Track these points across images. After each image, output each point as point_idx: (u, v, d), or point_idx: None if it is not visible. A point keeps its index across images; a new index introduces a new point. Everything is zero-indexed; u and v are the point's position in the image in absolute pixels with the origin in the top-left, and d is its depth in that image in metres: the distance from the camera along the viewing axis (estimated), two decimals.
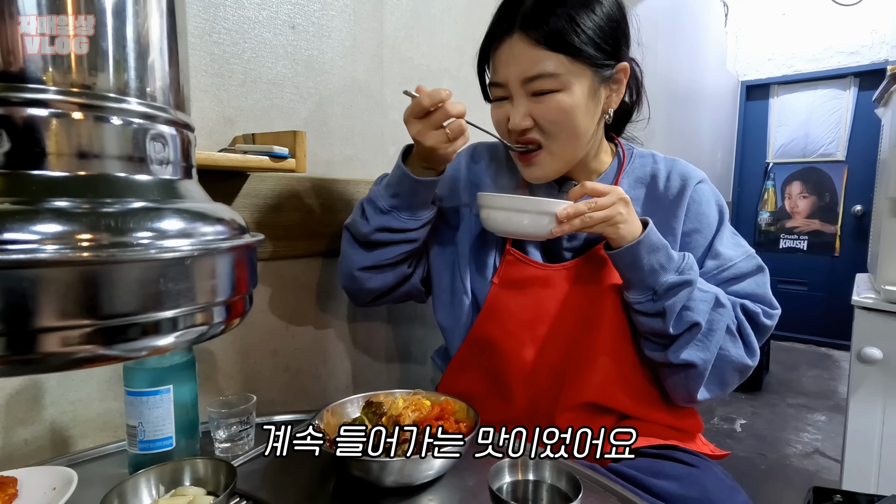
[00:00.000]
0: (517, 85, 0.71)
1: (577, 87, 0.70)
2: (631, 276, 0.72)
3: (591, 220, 0.67)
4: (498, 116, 0.77)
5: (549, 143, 0.74)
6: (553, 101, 0.70)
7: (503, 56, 0.72)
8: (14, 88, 0.29)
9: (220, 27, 0.80)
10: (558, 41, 0.68)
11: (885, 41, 3.33)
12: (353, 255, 0.83)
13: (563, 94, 0.70)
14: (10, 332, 0.27)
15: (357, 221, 0.80)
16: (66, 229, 0.28)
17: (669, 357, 0.73)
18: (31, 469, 0.56)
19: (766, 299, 0.78)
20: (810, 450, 2.20)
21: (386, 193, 0.77)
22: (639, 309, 0.73)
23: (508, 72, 0.71)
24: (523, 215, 0.70)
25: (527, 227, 0.71)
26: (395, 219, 0.77)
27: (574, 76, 0.70)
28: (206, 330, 0.36)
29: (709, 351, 0.72)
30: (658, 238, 0.70)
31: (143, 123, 0.34)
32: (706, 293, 0.72)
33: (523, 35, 0.69)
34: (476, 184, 0.88)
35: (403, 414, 0.65)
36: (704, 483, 0.67)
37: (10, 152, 0.29)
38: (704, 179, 0.81)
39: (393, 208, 0.77)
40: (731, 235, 0.80)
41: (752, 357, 0.75)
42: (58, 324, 0.28)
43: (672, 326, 0.70)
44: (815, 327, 3.65)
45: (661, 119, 2.56)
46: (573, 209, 0.68)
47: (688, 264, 0.71)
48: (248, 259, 0.39)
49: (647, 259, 0.69)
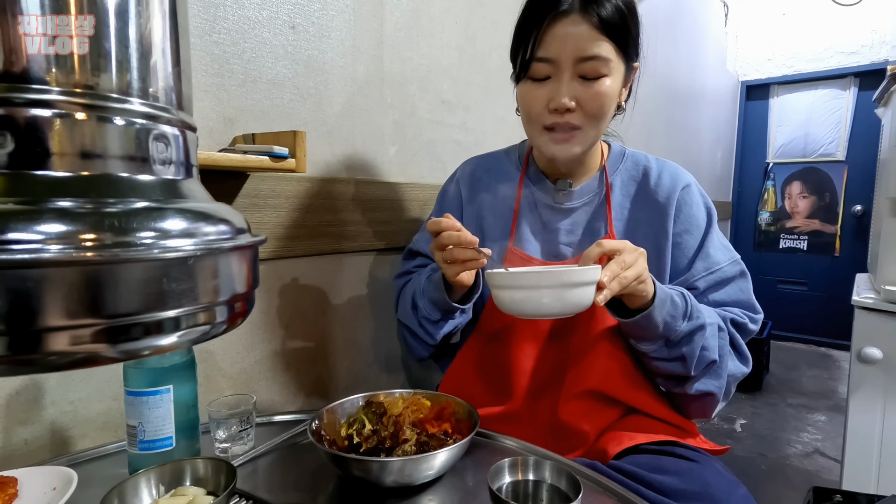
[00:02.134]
0: (569, 64, 0.71)
1: (617, 74, 0.73)
2: (644, 334, 0.72)
3: (626, 280, 0.64)
4: (537, 95, 0.74)
5: (586, 127, 0.75)
6: (602, 86, 0.72)
7: (559, 33, 0.71)
8: (17, 89, 0.29)
9: (220, 27, 0.80)
10: (615, 29, 0.70)
11: (885, 41, 3.33)
12: (420, 349, 0.91)
13: (608, 80, 0.72)
14: (13, 331, 0.27)
15: (424, 338, 0.87)
16: (69, 229, 0.28)
17: (687, 390, 0.76)
18: (31, 469, 0.56)
19: (750, 305, 0.81)
20: (810, 450, 2.20)
21: (436, 309, 0.82)
22: (655, 356, 0.74)
23: (563, 49, 0.70)
24: (570, 290, 0.60)
25: (575, 301, 0.60)
26: (452, 318, 0.84)
27: (617, 64, 0.73)
28: (209, 329, 0.36)
29: (722, 378, 0.76)
30: (662, 290, 0.70)
31: (146, 124, 0.34)
32: (713, 326, 0.74)
33: (584, 16, 0.70)
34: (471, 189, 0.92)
35: (403, 414, 0.65)
36: (705, 477, 0.68)
37: (14, 152, 0.29)
38: (693, 182, 0.84)
39: (445, 312, 0.82)
40: (720, 238, 0.82)
41: (747, 364, 0.79)
42: (61, 323, 0.28)
43: (693, 369, 0.73)
44: (815, 327, 3.65)
45: (661, 119, 2.56)
46: (610, 272, 0.63)
47: (693, 308, 0.71)
48: (249, 259, 0.40)
49: (660, 316, 0.69)
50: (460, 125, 1.28)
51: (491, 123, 1.37)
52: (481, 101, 1.34)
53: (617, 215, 0.83)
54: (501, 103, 1.39)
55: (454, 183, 0.95)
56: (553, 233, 0.85)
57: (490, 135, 1.37)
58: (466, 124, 1.29)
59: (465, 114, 1.29)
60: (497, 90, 1.37)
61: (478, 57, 1.31)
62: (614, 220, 0.83)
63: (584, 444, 0.78)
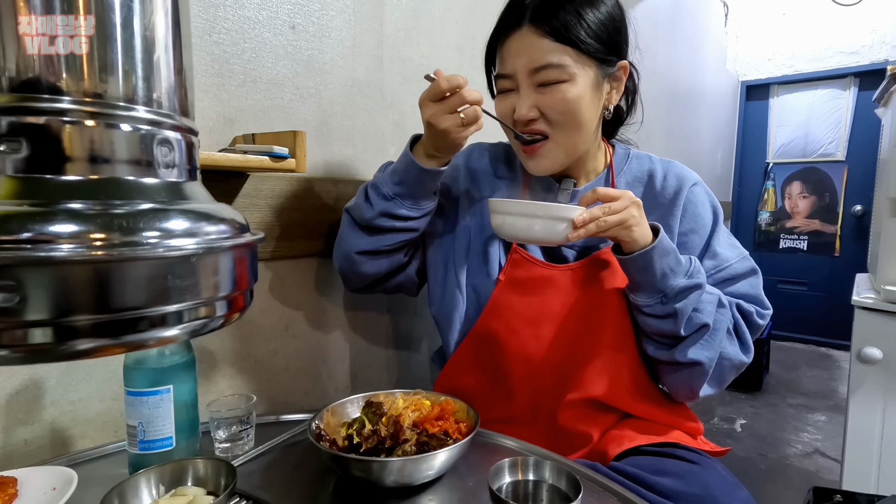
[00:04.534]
0: (524, 76, 0.73)
1: (581, 78, 0.72)
2: (641, 279, 0.72)
3: (606, 224, 0.67)
4: (504, 108, 0.78)
5: (554, 134, 0.75)
6: (559, 92, 0.72)
7: (512, 47, 0.74)
8: (32, 98, 0.32)
9: (220, 27, 0.80)
10: (565, 34, 0.70)
11: (885, 41, 3.33)
12: (352, 237, 0.83)
13: (568, 85, 0.72)
14: (27, 323, 0.29)
15: (360, 205, 0.80)
16: (80, 229, 0.31)
17: (676, 356, 0.74)
18: (31, 469, 0.56)
19: (759, 300, 0.81)
20: (810, 450, 2.20)
21: (391, 180, 0.77)
22: (648, 311, 0.74)
23: (517, 62, 0.73)
24: (538, 221, 0.69)
25: (541, 232, 0.70)
26: (398, 206, 0.78)
27: (579, 68, 0.72)
28: (208, 322, 0.38)
29: (713, 349, 0.74)
30: (668, 243, 0.71)
31: (151, 129, 0.36)
32: (712, 294, 0.74)
33: (532, 27, 0.71)
34: (476, 179, 0.89)
35: (403, 414, 0.65)
36: (706, 480, 0.67)
37: (30, 158, 0.32)
38: (699, 181, 0.84)
39: (397, 195, 0.77)
40: (727, 237, 0.83)
41: (748, 354, 0.78)
42: (72, 316, 0.30)
43: (683, 328, 0.72)
44: (815, 327, 3.65)
45: (661, 119, 2.56)
46: (589, 214, 0.68)
47: (696, 268, 0.72)
48: (248, 256, 0.41)
49: (659, 263, 0.70)
50: None
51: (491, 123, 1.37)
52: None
53: None
54: None
55: (462, 155, 0.93)
56: None
57: (490, 135, 1.37)
58: None
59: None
60: None
61: (478, 57, 1.30)
62: None
63: (586, 445, 0.78)
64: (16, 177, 0.32)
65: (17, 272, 0.29)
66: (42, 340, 0.30)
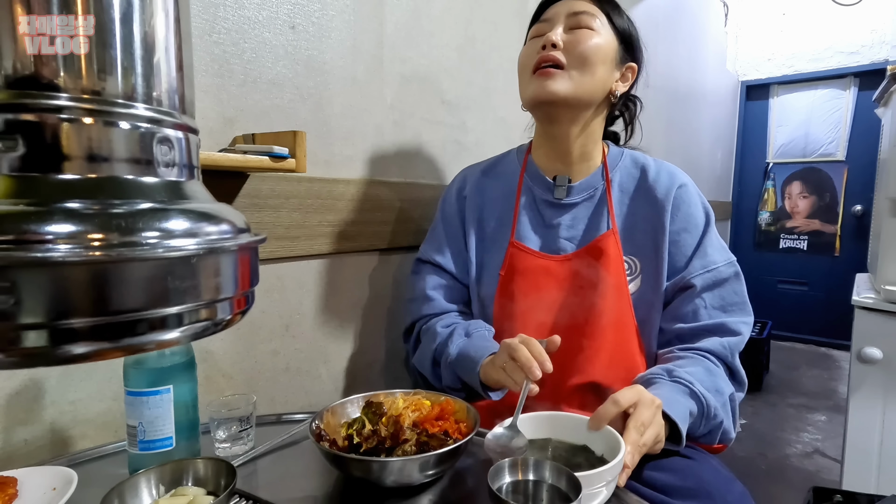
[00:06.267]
0: (563, 17, 0.83)
1: (606, 39, 0.82)
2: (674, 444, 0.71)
3: (646, 448, 0.63)
4: (533, 46, 0.85)
5: (569, 68, 0.81)
6: (587, 35, 0.81)
7: (559, 2, 0.85)
8: (29, 95, 0.31)
9: (220, 27, 0.80)
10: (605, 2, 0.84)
11: (885, 41, 3.33)
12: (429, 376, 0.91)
13: (594, 34, 0.82)
14: (23, 326, 0.29)
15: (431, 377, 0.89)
16: (78, 229, 0.30)
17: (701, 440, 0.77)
18: (31, 469, 0.56)
19: (742, 307, 0.83)
20: (810, 450, 2.20)
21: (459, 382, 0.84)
22: None
23: (560, 9, 0.84)
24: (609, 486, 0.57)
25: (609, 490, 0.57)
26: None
27: (606, 32, 0.83)
28: (210, 325, 0.37)
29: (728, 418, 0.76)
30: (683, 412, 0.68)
31: (150, 127, 0.35)
32: (719, 395, 0.74)
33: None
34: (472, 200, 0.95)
35: (403, 414, 0.65)
36: (701, 474, 0.68)
37: (26, 156, 0.31)
38: (690, 182, 0.87)
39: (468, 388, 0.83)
40: (717, 239, 0.85)
41: (743, 387, 0.80)
42: (69, 318, 0.29)
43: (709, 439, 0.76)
44: (815, 327, 3.65)
45: (661, 119, 2.56)
46: (632, 444, 0.61)
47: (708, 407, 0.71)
48: (250, 257, 0.41)
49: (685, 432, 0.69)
50: (460, 125, 1.28)
51: (491, 123, 1.37)
52: (481, 102, 1.33)
53: (617, 210, 0.86)
54: (501, 103, 1.38)
55: (454, 190, 0.98)
56: (553, 228, 0.88)
57: (490, 135, 1.37)
58: (466, 124, 1.29)
59: (465, 114, 1.29)
60: (497, 90, 1.37)
61: (478, 57, 1.31)
62: (615, 216, 0.85)
63: None
64: (12, 175, 0.31)
65: (12, 273, 0.28)
66: (37, 344, 0.29)
